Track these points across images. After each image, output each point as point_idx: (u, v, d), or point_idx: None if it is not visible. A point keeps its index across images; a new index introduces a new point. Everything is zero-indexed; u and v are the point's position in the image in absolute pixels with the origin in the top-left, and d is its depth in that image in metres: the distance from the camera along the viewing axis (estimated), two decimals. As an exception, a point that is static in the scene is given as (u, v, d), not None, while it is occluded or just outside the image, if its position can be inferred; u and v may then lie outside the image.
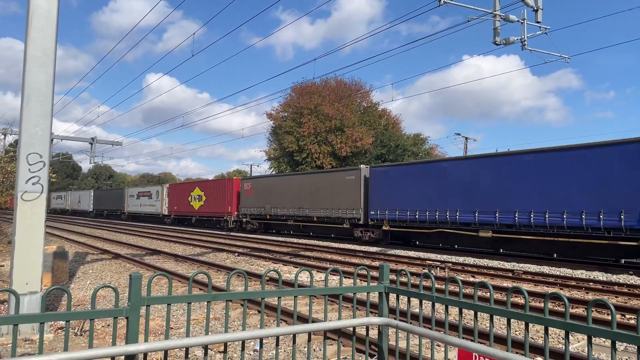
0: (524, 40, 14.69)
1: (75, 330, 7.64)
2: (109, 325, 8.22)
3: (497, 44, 14.54)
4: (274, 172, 50.95)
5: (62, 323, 7.95)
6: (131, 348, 2.90)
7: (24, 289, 7.19)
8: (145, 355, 3.15)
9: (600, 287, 13.00)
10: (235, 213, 37.71)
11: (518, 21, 14.71)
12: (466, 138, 45.81)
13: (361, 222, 26.83)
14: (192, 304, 4.86)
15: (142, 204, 53.93)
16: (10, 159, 22.16)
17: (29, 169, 7.44)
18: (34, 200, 7.46)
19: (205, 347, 3.41)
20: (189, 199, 44.23)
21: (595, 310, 9.88)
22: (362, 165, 28.12)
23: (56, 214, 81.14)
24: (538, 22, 14.87)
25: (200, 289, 11.78)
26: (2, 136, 24.73)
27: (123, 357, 3.00)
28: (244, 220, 36.99)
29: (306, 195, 30.55)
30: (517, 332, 8.04)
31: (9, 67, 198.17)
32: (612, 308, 2.71)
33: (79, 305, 10.10)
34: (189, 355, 3.52)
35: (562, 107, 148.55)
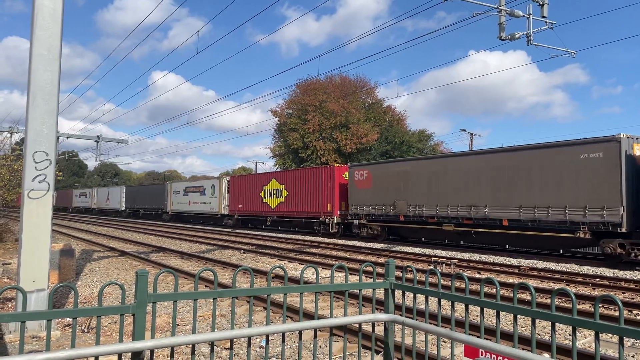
0: (530, 35, 14.62)
1: (82, 328, 7.68)
2: (115, 322, 8.26)
3: (503, 39, 14.47)
4: (279, 169, 50.63)
5: (69, 320, 8.00)
6: (138, 345, 2.91)
7: (31, 286, 7.24)
8: (152, 351, 3.16)
9: (607, 283, 12.94)
10: (338, 213, 28.37)
11: (524, 16, 14.63)
12: (471, 134, 45.67)
13: (624, 230, 16.01)
14: (198, 301, 4.88)
15: (192, 202, 45.07)
16: (17, 157, 22.27)
17: (36, 167, 7.47)
18: (41, 198, 7.50)
19: (212, 344, 3.41)
20: (262, 194, 35.35)
21: (602, 306, 9.84)
22: (622, 134, 16.35)
23: (79, 213, 73.58)
24: (544, 17, 14.80)
25: (207, 286, 11.81)
26: (9, 134, 24.84)
27: (130, 354, 3.01)
28: (356, 222, 26.97)
29: (485, 185, 20.33)
30: (523, 329, 8.02)
31: (15, 65, 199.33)
32: (620, 304, 2.70)
33: (85, 303, 10.15)
34: (195, 352, 3.53)
35: (569, 102, 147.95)
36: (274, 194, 34.09)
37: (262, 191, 35.43)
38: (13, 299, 9.39)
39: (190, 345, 3.45)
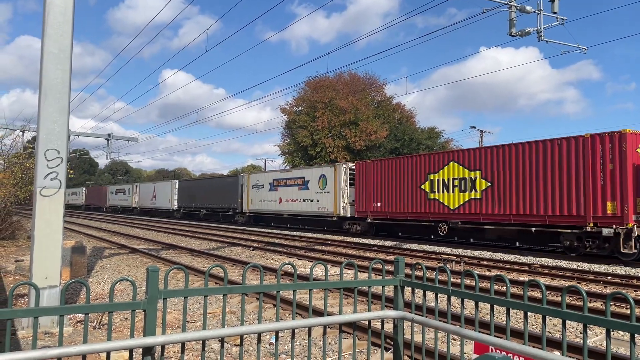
0: (540, 31, 14.50)
1: (94, 324, 7.75)
2: (126, 318, 8.33)
3: (513, 36, 14.37)
4: (288, 167, 50.53)
5: (81, 317, 8.08)
6: (149, 340, 2.93)
7: (44, 283, 7.31)
8: (163, 347, 3.19)
9: (619, 280, 12.83)
10: (633, 219, 16.09)
11: (534, 12, 14.51)
12: (481, 131, 45.45)
13: None
14: (208, 298, 4.91)
15: (286, 199, 33.46)
16: (29, 155, 22.50)
17: (47, 165, 7.54)
18: (53, 195, 7.57)
19: (222, 340, 3.43)
20: (425, 187, 23.73)
21: (614, 304, 9.76)
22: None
23: (115, 213, 63.75)
24: (554, 13, 14.67)
25: (216, 283, 11.87)
26: (21, 133, 25.10)
27: (141, 349, 3.04)
28: None
29: None
30: (534, 326, 7.98)
31: (28, 64, 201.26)
32: (631, 301, 2.68)
33: (97, 299, 10.24)
34: (206, 348, 3.55)
35: (581, 98, 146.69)
36: (456, 186, 22.28)
37: (427, 182, 23.67)
38: (25, 296, 9.49)
39: (201, 342, 3.47)
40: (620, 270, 14.71)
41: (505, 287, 3.35)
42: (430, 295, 5.07)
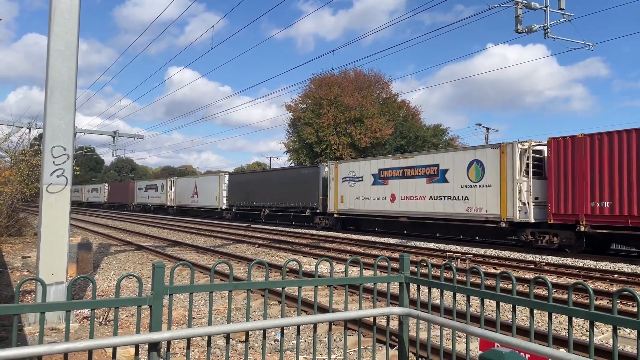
0: (547, 28, 14.42)
1: (100, 320, 7.79)
2: (132, 315, 8.37)
3: (520, 32, 14.30)
4: (293, 164, 50.45)
5: (87, 313, 8.12)
6: (155, 336, 2.94)
7: (50, 279, 7.35)
8: (168, 343, 3.20)
9: (625, 278, 12.77)
10: None
11: (541, 8, 14.43)
12: (487, 128, 45.27)
13: None
14: (213, 295, 4.92)
15: (403, 196, 24.20)
16: (35, 152, 22.61)
17: (54, 162, 7.57)
18: (59, 192, 7.60)
19: (227, 336, 3.44)
20: None
21: (620, 302, 9.71)
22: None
23: (146, 212, 56.41)
24: (561, 9, 14.59)
25: (222, 280, 11.90)
26: (27, 130, 25.23)
27: (147, 345, 3.05)
28: None
29: None
30: (539, 324, 7.95)
31: (35, 62, 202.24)
32: (639, 298, 2.66)
33: (103, 296, 10.30)
34: (211, 344, 3.56)
35: (589, 96, 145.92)
36: None
37: None
38: (32, 292, 9.55)
39: (206, 337, 3.48)
40: (626, 268, 14.65)
41: (511, 285, 3.34)
42: (435, 293, 5.07)
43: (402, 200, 24.31)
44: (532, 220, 18.78)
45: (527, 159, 19.01)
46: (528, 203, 18.82)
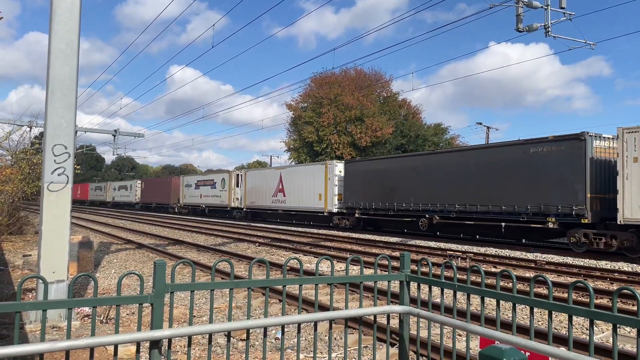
0: (548, 27, 14.41)
1: (101, 318, 7.80)
2: (133, 313, 8.38)
3: (520, 31, 14.29)
4: (293, 163, 50.38)
5: (88, 311, 8.13)
6: (156, 333, 2.95)
7: (51, 277, 7.36)
8: (169, 340, 3.21)
9: (625, 277, 12.77)
10: None
11: (542, 7, 14.42)
12: (488, 127, 45.25)
13: None
14: (215, 293, 4.94)
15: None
16: (36, 151, 22.62)
17: (55, 160, 7.58)
18: (60, 190, 7.61)
19: (228, 334, 3.45)
20: None
21: (620, 301, 9.72)
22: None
23: (195, 215, 45.50)
24: (562, 8, 14.57)
25: (222, 278, 11.91)
26: (28, 129, 25.22)
27: (148, 342, 3.06)
28: None
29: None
30: (539, 323, 7.96)
31: (36, 60, 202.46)
32: (639, 297, 2.67)
33: (104, 294, 10.31)
34: (212, 342, 3.57)
35: (591, 95, 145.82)
36: None
37: None
38: (33, 290, 9.56)
39: (207, 335, 3.49)
40: (627, 267, 14.65)
41: (511, 283, 3.35)
42: (436, 291, 5.08)
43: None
44: None
45: None
46: None
